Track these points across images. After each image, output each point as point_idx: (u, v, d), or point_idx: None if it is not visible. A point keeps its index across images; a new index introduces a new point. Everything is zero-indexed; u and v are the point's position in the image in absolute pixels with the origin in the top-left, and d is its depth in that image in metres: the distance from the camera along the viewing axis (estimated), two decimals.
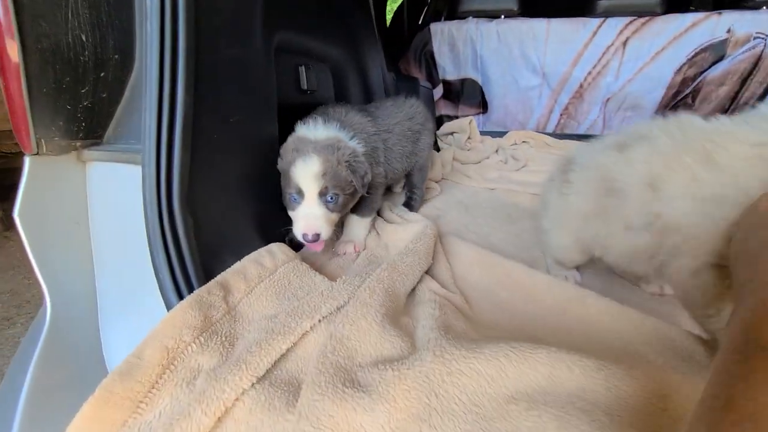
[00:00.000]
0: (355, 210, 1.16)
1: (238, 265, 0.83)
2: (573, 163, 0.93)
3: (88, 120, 0.79)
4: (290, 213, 0.98)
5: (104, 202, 0.85)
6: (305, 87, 1.21)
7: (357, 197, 1.06)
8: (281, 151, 1.00)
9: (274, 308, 0.79)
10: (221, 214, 0.84)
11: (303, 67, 1.19)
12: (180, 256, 0.74)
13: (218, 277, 0.79)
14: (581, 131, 2.83)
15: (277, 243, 0.92)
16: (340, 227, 1.14)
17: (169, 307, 0.72)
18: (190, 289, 0.73)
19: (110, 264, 0.85)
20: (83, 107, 0.77)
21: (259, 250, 0.89)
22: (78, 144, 0.81)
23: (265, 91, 0.99)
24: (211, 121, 0.80)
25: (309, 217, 0.93)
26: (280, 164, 0.98)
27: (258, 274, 0.84)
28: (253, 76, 0.93)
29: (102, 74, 0.77)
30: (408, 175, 1.50)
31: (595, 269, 1.09)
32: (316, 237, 0.93)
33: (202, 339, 0.69)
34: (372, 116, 1.21)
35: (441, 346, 0.62)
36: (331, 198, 0.95)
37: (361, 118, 1.14)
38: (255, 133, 0.95)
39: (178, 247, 0.73)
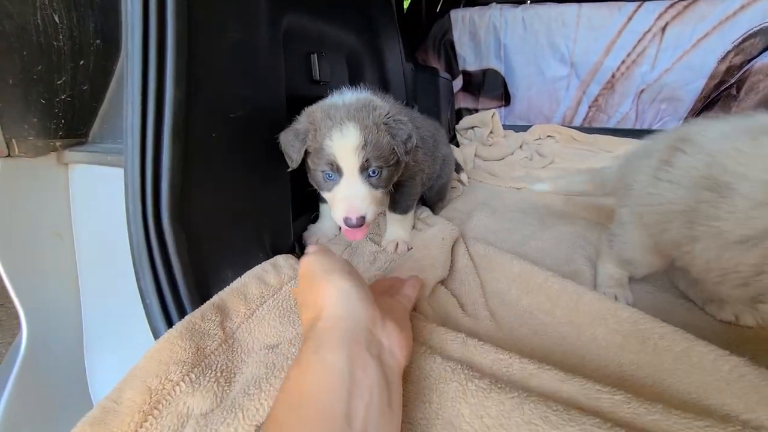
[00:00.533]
0: (392, 207, 1.05)
1: (237, 282, 0.72)
2: (687, 142, 0.71)
3: (68, 116, 0.68)
4: (325, 194, 0.84)
5: (90, 211, 0.74)
6: (317, 77, 1.09)
7: (401, 169, 0.90)
8: (305, 122, 0.82)
9: (277, 335, 0.68)
10: (220, 224, 0.73)
11: (315, 55, 1.07)
12: (170, 277, 0.63)
13: (214, 298, 0.68)
14: (611, 125, 2.65)
15: (284, 255, 0.80)
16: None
17: (157, 336, 0.61)
18: (182, 314, 0.63)
19: (98, 282, 0.75)
20: (61, 101, 0.66)
21: (262, 264, 0.78)
22: (58, 144, 0.70)
23: (272, 81, 0.86)
24: (208, 117, 0.68)
25: (351, 197, 0.79)
26: (310, 140, 0.81)
27: (260, 293, 0.72)
28: (259, 64, 0.81)
29: (81, 62, 0.66)
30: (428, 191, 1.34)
31: (649, 281, 0.95)
32: (361, 221, 0.78)
33: (193, 376, 0.58)
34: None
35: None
36: (374, 172, 0.80)
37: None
38: (260, 130, 0.84)
39: (168, 267, 0.62)
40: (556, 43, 2.50)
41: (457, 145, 2.46)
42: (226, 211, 0.75)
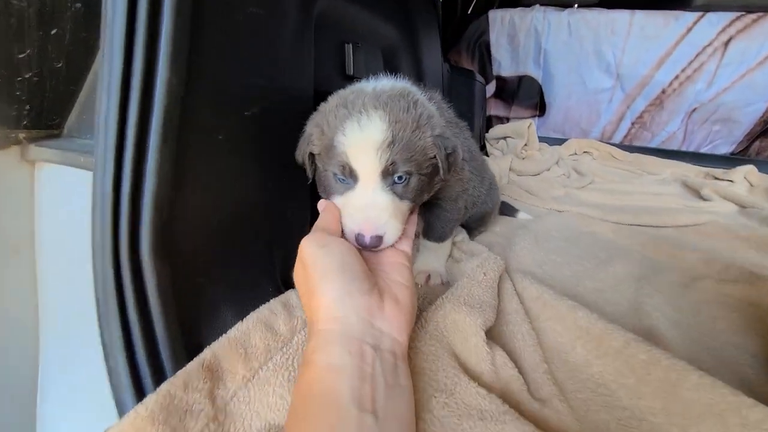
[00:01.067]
0: (425, 233, 0.88)
1: (237, 331, 0.55)
2: None
3: (34, 101, 0.53)
4: (336, 199, 0.62)
5: (59, 222, 0.58)
6: (351, 72, 0.92)
7: (436, 185, 0.70)
8: (316, 118, 0.64)
9: (285, 407, 0.51)
10: (220, 251, 0.56)
11: (350, 46, 0.90)
12: (146, 326, 0.46)
13: (205, 353, 0.51)
14: (654, 144, 2.44)
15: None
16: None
17: (122, 412, 0.45)
18: (159, 380, 0.46)
19: (61, 310, 0.59)
20: (25, 81, 0.50)
21: (270, 303, 0.61)
22: (21, 136, 0.54)
23: (298, 73, 0.70)
24: (213, 113, 0.52)
25: (368, 208, 0.58)
26: (320, 139, 0.61)
27: (265, 346, 0.55)
28: (283, 50, 0.65)
29: (54, 32, 0.50)
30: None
31: None
32: (377, 241, 0.58)
33: None
34: None
35: None
36: (401, 178, 0.60)
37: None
38: (280, 132, 0.67)
39: (143, 312, 0.46)
40: (602, 51, 2.29)
41: (487, 155, 2.27)
42: (230, 234, 0.58)
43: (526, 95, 2.58)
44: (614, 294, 0.96)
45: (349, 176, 0.59)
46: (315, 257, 0.51)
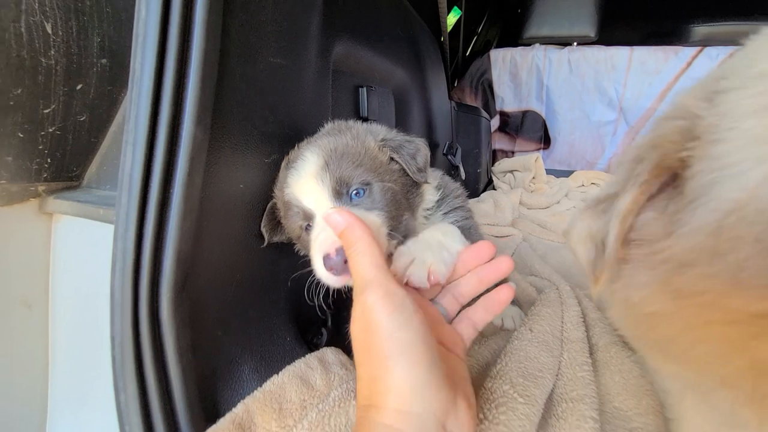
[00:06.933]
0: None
1: (272, 385, 0.52)
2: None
3: (56, 154, 0.52)
4: (313, 255, 0.52)
5: (75, 277, 0.56)
6: (365, 114, 0.93)
7: (416, 196, 0.62)
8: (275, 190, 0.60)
9: None
10: (239, 305, 0.54)
11: (365, 89, 0.91)
12: (163, 389, 0.43)
13: (237, 410, 0.47)
14: None
15: (333, 348, 0.60)
16: None
17: None
18: None
19: (72, 368, 0.56)
20: (48, 135, 0.50)
21: (306, 358, 0.57)
22: (41, 189, 0.53)
23: (316, 118, 0.70)
24: (236, 164, 0.51)
25: (326, 228, 0.48)
26: (280, 205, 0.58)
27: (301, 401, 0.52)
28: (303, 97, 0.65)
29: (79, 87, 0.50)
30: None
31: None
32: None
33: None
34: None
35: None
36: (359, 192, 0.53)
37: None
38: None
39: (161, 376, 0.43)
40: (603, 86, 2.34)
41: (494, 188, 2.27)
42: (248, 285, 0.56)
43: (530, 129, 2.61)
44: None
45: (308, 218, 0.55)
46: (390, 327, 0.38)
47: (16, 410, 0.55)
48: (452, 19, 2.79)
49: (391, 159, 0.58)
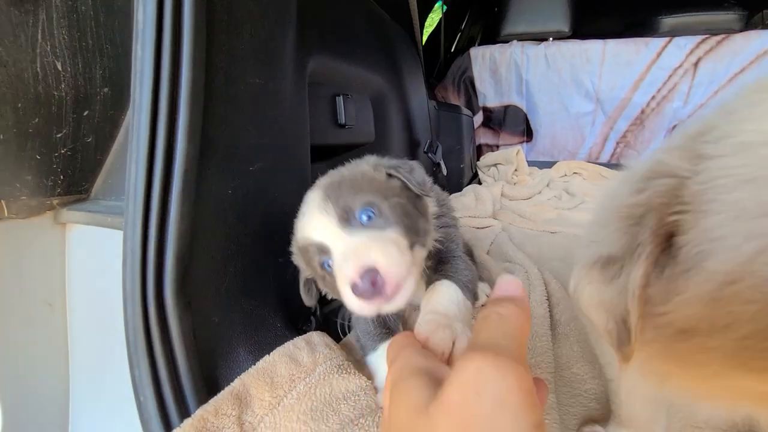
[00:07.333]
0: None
1: (264, 363, 0.61)
2: None
3: (68, 171, 0.61)
4: (338, 291, 0.51)
5: (88, 278, 0.65)
6: (343, 121, 1.01)
7: (420, 203, 0.61)
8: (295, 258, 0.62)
9: None
10: (233, 295, 0.63)
11: (341, 98, 1.00)
12: (171, 366, 0.52)
13: (235, 384, 0.56)
14: None
15: (319, 331, 0.69)
16: None
17: None
18: (183, 412, 0.51)
19: (91, 360, 0.64)
20: (61, 156, 0.58)
21: (295, 340, 0.66)
22: (55, 202, 0.62)
23: (296, 128, 0.78)
24: (224, 173, 0.59)
25: (347, 249, 0.48)
26: (298, 255, 0.60)
27: (290, 375, 0.60)
28: (282, 111, 0.73)
29: (86, 113, 0.59)
30: None
31: None
32: (373, 274, 0.44)
33: None
34: None
35: None
36: (368, 214, 0.51)
37: None
38: (281, 182, 0.75)
39: (169, 354, 0.52)
40: (580, 79, 2.43)
41: (479, 183, 2.36)
42: (240, 278, 0.65)
43: (513, 123, 2.70)
44: None
45: (324, 252, 0.53)
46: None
47: (40, 397, 0.63)
48: (435, 17, 2.88)
49: (389, 176, 0.58)
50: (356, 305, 0.47)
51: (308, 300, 0.66)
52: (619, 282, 0.33)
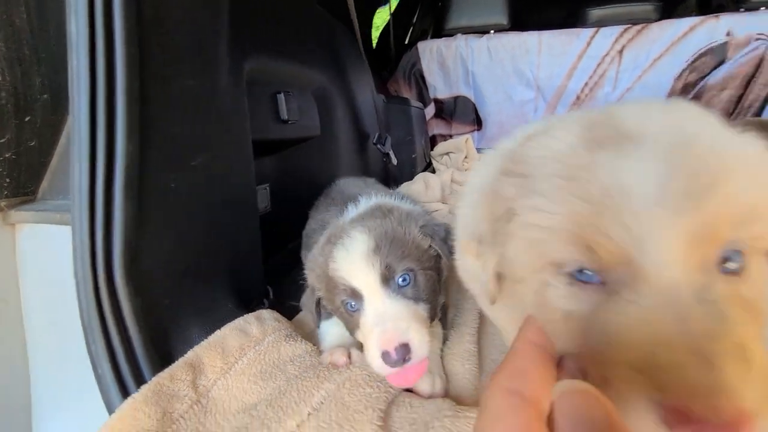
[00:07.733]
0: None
1: (216, 336, 0.67)
2: None
3: (13, 174, 0.65)
4: (357, 336, 0.61)
5: (40, 273, 0.69)
6: (285, 117, 1.08)
7: (444, 281, 0.68)
8: (310, 264, 0.69)
9: (257, 393, 0.63)
10: (181, 279, 0.69)
11: (282, 95, 1.06)
12: (125, 342, 0.58)
13: (189, 355, 0.63)
14: None
15: (269, 310, 0.76)
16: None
17: (110, 410, 0.56)
18: (139, 383, 0.57)
19: (49, 350, 0.69)
20: (5, 160, 0.63)
21: (245, 316, 0.73)
22: (2, 204, 0.66)
23: (235, 125, 0.85)
24: (165, 168, 0.65)
25: (382, 319, 0.55)
26: (311, 278, 0.67)
27: (240, 345, 0.68)
28: (220, 109, 0.79)
29: (27, 119, 0.63)
30: None
31: None
32: (405, 350, 0.52)
33: None
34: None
35: None
36: (405, 279, 0.58)
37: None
38: (225, 175, 0.81)
39: (122, 331, 0.58)
40: (521, 69, 2.58)
41: (433, 172, 2.47)
42: (189, 264, 0.71)
43: (463, 113, 2.83)
44: None
45: (354, 297, 0.59)
46: None
47: (1, 393, 0.67)
48: (383, 15, 2.96)
49: (429, 245, 0.64)
50: (379, 367, 0.53)
51: (315, 319, 0.72)
52: (484, 259, 0.40)
